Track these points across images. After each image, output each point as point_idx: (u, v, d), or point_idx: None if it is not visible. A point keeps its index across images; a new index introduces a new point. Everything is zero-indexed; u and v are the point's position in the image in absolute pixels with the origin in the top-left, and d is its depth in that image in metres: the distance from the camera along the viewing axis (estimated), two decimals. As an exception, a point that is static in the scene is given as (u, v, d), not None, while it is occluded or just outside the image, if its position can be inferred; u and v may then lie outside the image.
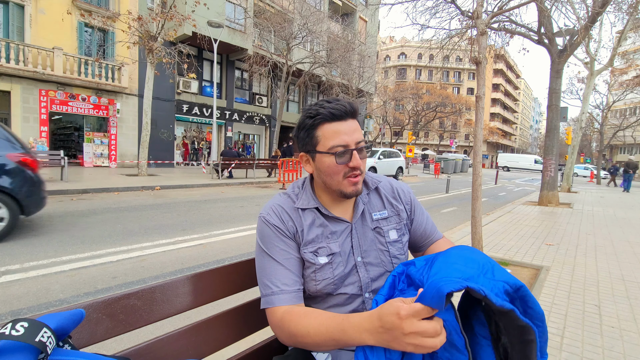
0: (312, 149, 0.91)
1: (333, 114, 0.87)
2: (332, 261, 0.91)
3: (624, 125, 24.18)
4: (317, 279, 0.90)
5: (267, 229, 0.90)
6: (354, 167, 0.88)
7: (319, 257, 0.90)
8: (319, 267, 0.90)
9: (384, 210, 1.00)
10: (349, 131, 0.88)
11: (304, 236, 0.91)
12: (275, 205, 0.94)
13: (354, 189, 0.91)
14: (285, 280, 0.86)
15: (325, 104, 0.89)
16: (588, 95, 13.86)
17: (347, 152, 0.88)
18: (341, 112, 0.87)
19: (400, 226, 1.00)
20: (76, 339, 0.68)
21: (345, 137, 0.87)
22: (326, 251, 0.91)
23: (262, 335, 1.10)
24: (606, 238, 5.41)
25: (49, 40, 12.71)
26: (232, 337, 0.97)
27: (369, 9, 23.80)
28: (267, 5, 17.80)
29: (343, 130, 0.87)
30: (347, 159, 0.88)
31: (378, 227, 0.97)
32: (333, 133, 0.87)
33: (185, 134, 19.02)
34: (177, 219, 5.67)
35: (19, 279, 3.01)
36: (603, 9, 7.79)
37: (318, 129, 0.89)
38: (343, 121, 0.88)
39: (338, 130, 0.87)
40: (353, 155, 0.88)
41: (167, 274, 3.31)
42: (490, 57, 11.40)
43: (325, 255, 0.91)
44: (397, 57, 56.94)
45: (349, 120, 0.89)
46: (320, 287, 0.90)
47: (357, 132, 0.89)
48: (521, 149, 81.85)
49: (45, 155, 10.13)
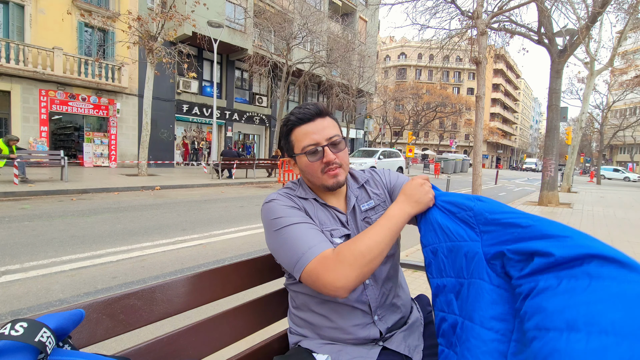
0: (291, 153, 0.99)
1: (300, 118, 0.94)
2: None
3: (624, 125, 24.19)
4: None
5: (278, 207, 0.92)
6: (328, 162, 0.93)
7: (334, 238, 0.93)
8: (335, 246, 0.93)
9: (371, 200, 1.03)
10: (318, 130, 0.93)
11: (313, 219, 0.94)
12: (280, 192, 0.99)
13: (334, 181, 0.94)
14: (319, 237, 0.86)
15: (294, 110, 0.97)
16: (588, 95, 13.87)
17: (319, 149, 0.93)
18: (308, 115, 0.94)
19: None
20: (76, 339, 0.67)
21: (315, 136, 0.93)
22: (339, 233, 0.95)
23: (262, 335, 1.10)
24: (606, 238, 5.41)
25: (49, 40, 12.71)
26: (232, 337, 0.97)
27: (369, 9, 23.80)
28: (267, 5, 17.80)
29: (311, 130, 0.93)
30: (320, 156, 0.93)
31: (367, 217, 1.00)
32: (303, 135, 0.94)
33: (185, 134, 19.02)
34: (177, 219, 5.67)
35: (19, 279, 3.01)
36: (603, 9, 7.79)
37: (292, 134, 0.96)
38: (311, 122, 0.94)
39: (307, 132, 0.93)
40: (325, 150, 0.93)
41: (167, 274, 3.31)
42: (490, 57, 11.40)
43: (338, 237, 0.94)
44: (397, 57, 56.93)
45: (317, 120, 0.94)
46: None
47: (327, 129, 0.94)
48: (521, 149, 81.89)
49: (45, 155, 10.14)
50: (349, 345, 0.92)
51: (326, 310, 0.94)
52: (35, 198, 7.08)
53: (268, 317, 1.08)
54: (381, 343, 0.93)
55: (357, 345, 0.92)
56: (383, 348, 0.92)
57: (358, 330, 0.92)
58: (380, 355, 0.90)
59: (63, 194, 7.72)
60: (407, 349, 0.92)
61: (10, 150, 8.47)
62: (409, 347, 0.93)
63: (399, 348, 0.92)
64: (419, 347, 0.95)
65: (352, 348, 0.91)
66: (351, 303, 0.92)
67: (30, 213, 5.58)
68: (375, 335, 0.92)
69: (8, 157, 8.24)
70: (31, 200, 6.86)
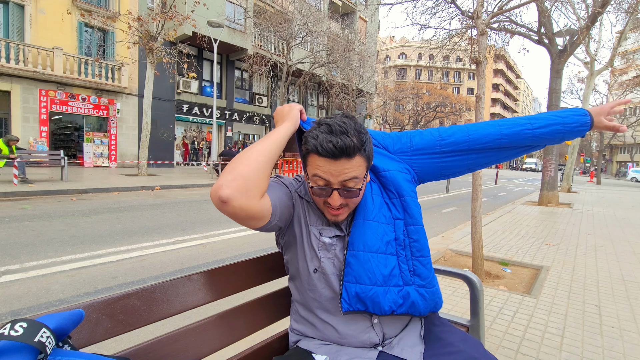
0: (304, 165, 0.91)
1: (323, 150, 0.80)
2: (334, 243, 0.92)
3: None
4: (320, 256, 0.92)
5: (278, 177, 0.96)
6: (331, 205, 0.86)
7: (323, 237, 0.92)
8: (321, 245, 0.92)
9: None
10: (336, 172, 0.82)
11: (300, 213, 0.94)
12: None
13: (332, 219, 0.91)
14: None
15: (323, 129, 0.82)
16: (588, 95, 13.86)
17: (327, 188, 0.84)
18: (331, 152, 0.80)
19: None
20: (76, 339, 0.67)
21: (329, 177, 0.82)
22: (329, 233, 0.93)
23: (262, 335, 1.10)
24: (606, 238, 5.41)
25: (49, 40, 12.71)
26: (232, 337, 0.97)
27: (369, 9, 23.79)
28: (267, 5, 17.80)
29: (328, 170, 0.82)
30: (327, 195, 0.85)
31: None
32: (316, 167, 0.83)
33: (185, 134, 19.02)
34: (177, 219, 5.67)
35: (19, 279, 3.01)
36: (603, 9, 7.79)
37: (308, 156, 0.86)
38: (333, 161, 0.81)
39: (324, 167, 0.82)
40: (333, 194, 0.84)
41: (167, 274, 3.31)
42: (490, 57, 11.39)
43: (328, 237, 0.93)
44: (397, 57, 56.91)
45: (341, 160, 0.81)
46: (325, 264, 0.91)
47: (348, 173, 0.82)
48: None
49: (45, 155, 10.14)
50: (348, 347, 0.91)
51: (326, 312, 0.93)
52: (35, 198, 7.08)
53: (268, 318, 1.08)
54: (380, 347, 0.92)
55: (356, 347, 0.92)
56: (382, 350, 0.91)
57: (358, 334, 0.91)
58: (379, 356, 0.89)
59: (63, 194, 7.72)
60: (408, 352, 0.91)
61: (10, 150, 8.47)
62: (410, 351, 0.91)
63: (401, 353, 0.90)
64: (420, 349, 0.93)
65: (351, 349, 0.91)
66: None
67: (30, 213, 5.58)
68: (375, 341, 0.91)
69: (8, 157, 8.24)
70: (31, 200, 6.86)
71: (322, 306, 0.93)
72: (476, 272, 3.31)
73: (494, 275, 3.46)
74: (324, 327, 0.94)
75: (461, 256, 4.02)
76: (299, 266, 0.95)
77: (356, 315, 0.92)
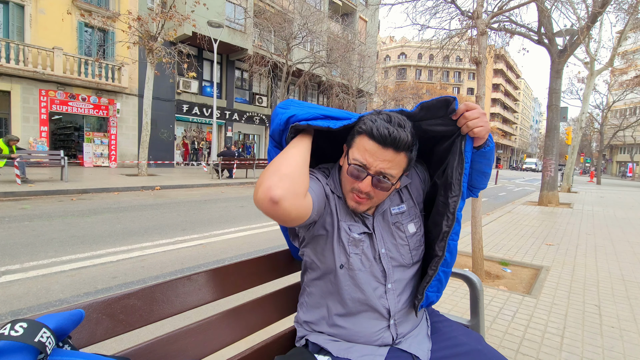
0: (349, 146, 0.91)
1: (373, 133, 0.83)
2: (363, 240, 0.93)
3: (624, 125, 24.17)
4: (349, 252, 0.92)
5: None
6: (358, 189, 0.87)
7: (352, 233, 0.92)
8: (351, 241, 0.92)
9: (402, 204, 1.01)
10: (379, 159, 0.84)
11: (337, 207, 0.94)
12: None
13: (353, 206, 0.91)
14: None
15: (383, 117, 0.85)
16: (588, 95, 13.86)
17: (362, 172, 0.85)
18: (384, 139, 0.82)
19: (417, 218, 1.02)
20: (76, 339, 0.67)
21: (371, 160, 0.84)
22: (358, 229, 0.93)
23: (263, 335, 1.10)
24: (606, 238, 5.41)
25: (49, 40, 12.71)
26: (232, 337, 0.97)
27: (369, 9, 23.80)
28: (267, 5, 17.80)
29: (374, 154, 0.84)
30: (360, 178, 0.86)
31: (398, 222, 0.98)
32: (364, 150, 0.85)
33: (185, 134, 19.02)
34: (177, 219, 5.67)
35: (19, 279, 3.01)
36: (603, 9, 7.79)
37: (359, 136, 0.87)
38: (381, 147, 0.83)
39: (369, 150, 0.84)
40: (365, 179, 0.85)
41: (167, 274, 3.31)
42: (490, 57, 11.40)
43: (357, 233, 0.93)
44: (397, 57, 56.90)
45: (388, 150, 0.83)
46: (353, 260, 0.91)
47: (388, 164, 0.84)
48: (521, 149, 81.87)
49: (45, 155, 10.13)
50: (359, 344, 0.92)
51: (344, 308, 0.93)
52: (35, 198, 7.08)
53: (268, 317, 1.08)
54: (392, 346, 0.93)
55: (367, 344, 0.92)
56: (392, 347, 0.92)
57: (372, 334, 0.92)
58: (389, 353, 0.90)
59: (63, 194, 7.72)
60: (416, 348, 0.93)
61: (11, 150, 8.47)
62: (417, 347, 0.93)
63: (409, 348, 0.92)
64: (428, 347, 0.95)
65: (362, 346, 0.91)
66: (371, 303, 0.91)
67: (30, 213, 5.59)
68: (388, 341, 0.92)
69: (8, 157, 8.24)
70: (31, 200, 6.86)
71: (341, 302, 0.93)
72: (476, 272, 3.31)
73: (494, 275, 3.46)
74: (337, 324, 0.94)
75: (461, 256, 4.02)
76: (325, 260, 0.94)
77: (375, 315, 0.92)
